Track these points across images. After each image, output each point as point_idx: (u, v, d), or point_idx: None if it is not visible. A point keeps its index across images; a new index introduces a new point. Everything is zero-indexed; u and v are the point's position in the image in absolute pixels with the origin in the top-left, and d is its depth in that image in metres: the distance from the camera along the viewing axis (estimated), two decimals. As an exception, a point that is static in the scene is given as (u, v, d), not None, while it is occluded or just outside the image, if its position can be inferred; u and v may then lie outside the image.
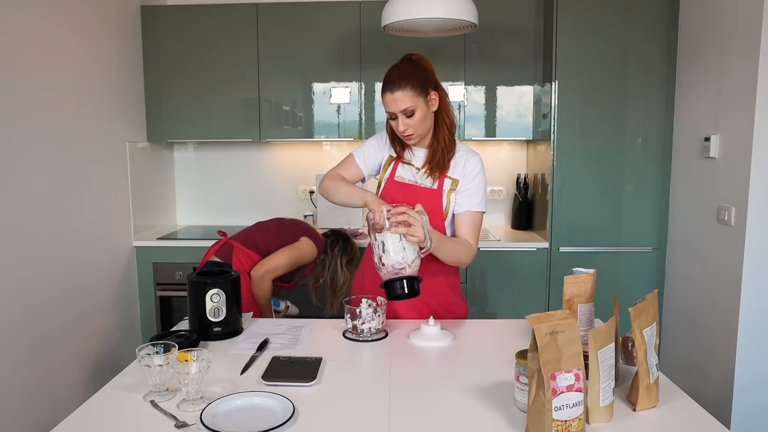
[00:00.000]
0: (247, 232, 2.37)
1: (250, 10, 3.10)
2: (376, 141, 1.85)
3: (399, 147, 1.79)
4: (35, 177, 2.28)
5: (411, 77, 1.63)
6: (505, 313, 2.98)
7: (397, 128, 1.69)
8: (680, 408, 1.22)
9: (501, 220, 3.53)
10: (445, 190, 1.73)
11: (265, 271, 2.19)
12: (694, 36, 2.67)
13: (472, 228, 1.73)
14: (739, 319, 2.30)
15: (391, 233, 1.50)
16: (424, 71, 1.67)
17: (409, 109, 1.63)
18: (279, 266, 2.22)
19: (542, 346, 1.03)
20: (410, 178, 1.76)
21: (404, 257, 1.50)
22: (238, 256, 2.22)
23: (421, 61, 1.71)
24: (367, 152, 1.84)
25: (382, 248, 1.51)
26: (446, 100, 1.73)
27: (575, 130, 2.90)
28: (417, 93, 1.63)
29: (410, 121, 1.65)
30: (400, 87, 1.62)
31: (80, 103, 2.60)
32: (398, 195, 1.74)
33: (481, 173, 1.74)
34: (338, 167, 1.85)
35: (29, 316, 2.24)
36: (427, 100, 1.66)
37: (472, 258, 1.73)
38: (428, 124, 1.70)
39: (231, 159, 3.56)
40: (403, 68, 1.67)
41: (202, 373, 1.20)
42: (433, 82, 1.68)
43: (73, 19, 2.53)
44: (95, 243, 2.71)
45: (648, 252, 2.95)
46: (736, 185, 2.33)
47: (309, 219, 3.36)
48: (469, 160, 1.74)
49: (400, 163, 1.79)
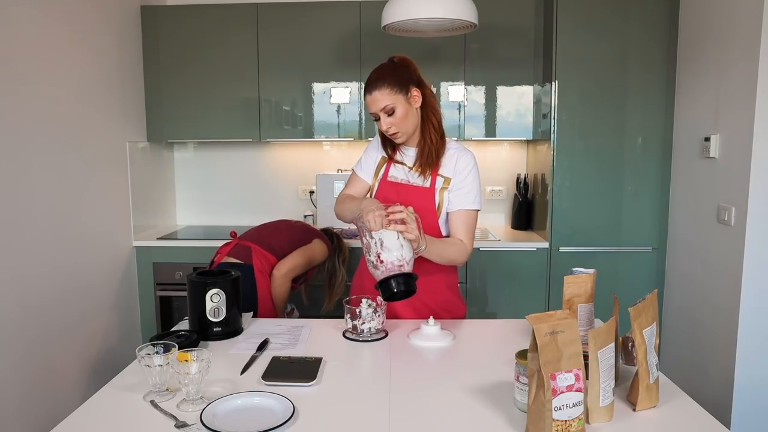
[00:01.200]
0: (256, 233, 2.39)
1: (250, 10, 3.10)
2: (371, 146, 1.88)
3: (390, 148, 1.81)
4: (35, 177, 2.28)
5: (387, 76, 1.67)
6: (505, 313, 2.98)
7: (380, 128, 1.71)
8: (680, 408, 1.22)
9: (501, 220, 3.53)
10: (438, 189, 1.73)
11: (287, 271, 2.25)
12: (694, 36, 2.67)
13: (465, 226, 1.73)
14: (739, 319, 2.30)
15: (389, 230, 1.51)
16: (403, 70, 1.70)
17: (388, 107, 1.66)
18: (297, 266, 2.29)
19: (542, 346, 1.03)
20: (403, 177, 1.77)
21: (402, 254, 1.51)
22: (257, 257, 2.24)
23: (402, 61, 1.73)
24: (364, 162, 1.87)
25: (380, 245, 1.51)
26: (431, 99, 1.74)
27: (575, 130, 2.90)
28: (395, 91, 1.65)
29: (392, 119, 1.67)
30: (377, 87, 1.66)
31: (80, 103, 2.60)
32: (392, 195, 1.76)
33: (474, 171, 1.74)
34: (345, 188, 1.90)
35: (29, 316, 2.24)
36: (407, 98, 1.67)
37: (466, 257, 1.73)
38: (412, 121, 1.71)
39: (231, 159, 3.56)
40: (381, 69, 1.71)
41: (202, 373, 1.20)
42: (414, 79, 1.70)
43: (73, 19, 2.53)
44: (95, 243, 2.71)
45: (648, 252, 2.95)
46: (736, 185, 2.33)
47: (309, 219, 3.36)
48: (461, 158, 1.74)
49: (392, 163, 1.81)
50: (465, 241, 1.72)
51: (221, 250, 2.32)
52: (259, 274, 2.20)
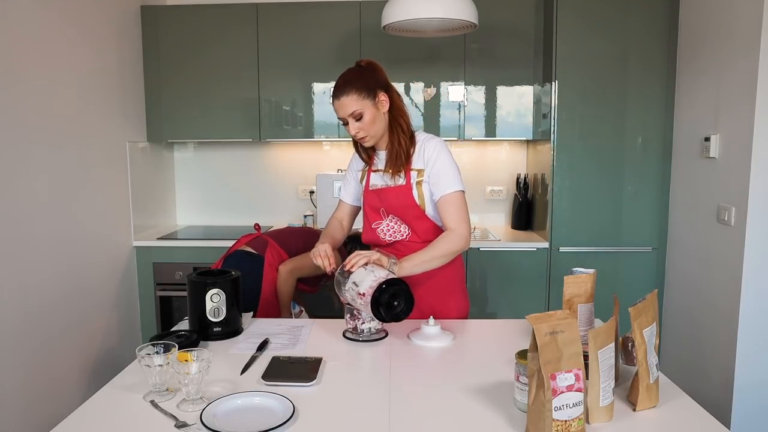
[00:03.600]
0: (277, 232, 2.43)
1: (250, 10, 3.10)
2: (351, 165, 1.94)
3: (366, 156, 1.84)
4: (35, 177, 2.28)
5: (354, 81, 1.68)
6: (505, 313, 2.98)
7: (349, 132, 1.73)
8: (680, 408, 1.22)
9: (501, 220, 3.53)
10: (414, 183, 1.74)
11: (293, 268, 2.25)
12: (694, 36, 2.67)
13: (453, 210, 1.70)
14: (739, 319, 2.30)
15: (354, 270, 1.55)
16: (370, 74, 1.71)
17: (356, 112, 1.68)
18: (303, 267, 2.28)
19: (542, 346, 1.03)
20: (381, 183, 1.80)
21: (376, 275, 1.51)
22: (271, 251, 2.27)
23: (369, 65, 1.74)
24: (347, 184, 1.94)
25: (355, 286, 1.53)
26: (398, 102, 1.76)
27: (575, 130, 2.90)
28: (362, 96, 1.67)
29: (360, 124, 1.69)
30: (345, 92, 1.68)
31: (80, 102, 2.60)
32: (375, 202, 1.80)
33: (442, 154, 1.72)
34: (335, 211, 1.99)
35: (29, 316, 2.24)
36: (375, 102, 1.69)
37: (463, 242, 1.69)
38: (380, 125, 1.73)
39: (231, 159, 3.56)
40: (348, 74, 1.72)
41: (202, 373, 1.20)
42: (382, 84, 1.72)
43: (73, 19, 2.53)
44: (95, 243, 2.71)
45: (648, 252, 2.95)
46: (736, 185, 2.33)
47: (309, 219, 3.36)
48: (428, 147, 1.74)
49: (371, 172, 1.84)
50: (456, 227, 1.69)
51: (241, 239, 2.36)
52: (269, 267, 2.23)
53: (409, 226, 1.77)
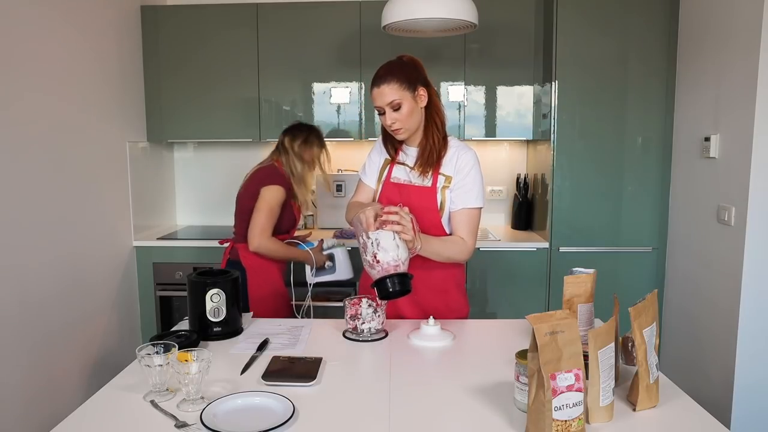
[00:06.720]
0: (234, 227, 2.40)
1: (250, 10, 3.10)
2: (374, 151, 1.90)
3: (392, 149, 1.82)
4: (35, 177, 2.28)
5: (397, 72, 1.68)
6: (505, 313, 2.98)
7: (384, 122, 1.72)
8: (680, 408, 1.22)
9: (501, 220, 3.53)
10: (439, 188, 1.74)
11: (258, 240, 2.17)
12: (695, 36, 2.67)
13: (468, 224, 1.73)
14: (739, 319, 2.30)
15: (385, 231, 1.52)
16: (411, 68, 1.71)
17: (395, 102, 1.66)
18: (262, 225, 2.19)
19: (542, 346, 1.03)
20: (405, 178, 1.78)
21: (398, 254, 1.51)
22: (244, 254, 2.26)
23: (410, 60, 1.74)
24: (368, 167, 1.89)
25: (377, 245, 1.51)
26: (436, 99, 1.75)
27: (575, 130, 2.90)
28: (403, 87, 1.66)
29: (397, 114, 1.68)
30: (386, 81, 1.67)
31: (80, 103, 2.60)
32: (395, 196, 1.77)
33: (475, 168, 1.74)
34: (353, 195, 1.92)
35: (29, 316, 2.24)
36: (414, 95, 1.69)
37: (467, 254, 1.73)
38: (416, 119, 1.72)
39: (231, 159, 3.56)
40: (389, 65, 1.72)
41: (202, 373, 1.20)
42: (422, 79, 1.71)
43: (73, 19, 2.53)
44: (95, 243, 2.71)
45: (648, 252, 2.95)
46: (736, 185, 2.33)
47: (309, 219, 3.36)
48: (462, 156, 1.74)
49: (395, 164, 1.82)
50: (466, 239, 1.72)
51: (223, 257, 2.36)
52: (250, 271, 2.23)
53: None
